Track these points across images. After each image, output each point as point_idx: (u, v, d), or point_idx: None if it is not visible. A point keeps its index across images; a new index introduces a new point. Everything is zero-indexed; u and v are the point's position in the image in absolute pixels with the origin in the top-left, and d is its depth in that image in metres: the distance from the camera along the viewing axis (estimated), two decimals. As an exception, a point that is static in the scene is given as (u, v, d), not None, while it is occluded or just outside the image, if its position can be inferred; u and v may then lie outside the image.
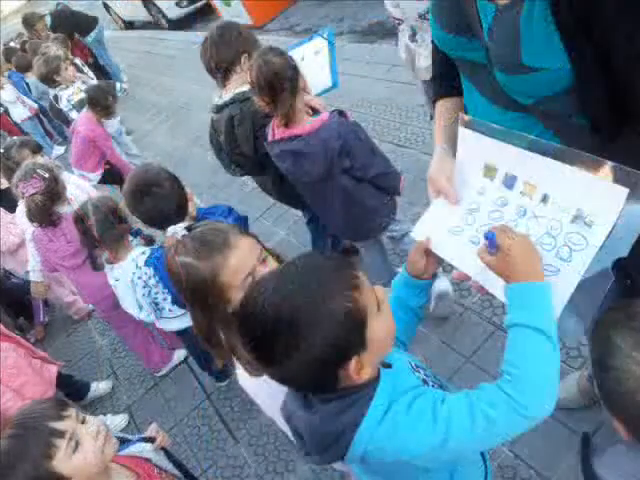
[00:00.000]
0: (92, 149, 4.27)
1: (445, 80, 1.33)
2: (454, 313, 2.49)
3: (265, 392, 1.28)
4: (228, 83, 2.37)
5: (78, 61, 5.79)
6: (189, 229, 1.27)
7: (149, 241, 2.42)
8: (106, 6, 11.49)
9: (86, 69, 5.84)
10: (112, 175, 4.42)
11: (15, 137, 5.50)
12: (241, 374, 1.28)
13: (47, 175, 2.72)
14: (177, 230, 1.29)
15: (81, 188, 3.30)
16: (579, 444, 1.11)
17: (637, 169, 0.84)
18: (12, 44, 9.42)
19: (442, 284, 2.43)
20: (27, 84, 7.18)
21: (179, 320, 2.46)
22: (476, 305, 2.47)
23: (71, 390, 3.15)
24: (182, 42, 9.02)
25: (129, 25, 11.97)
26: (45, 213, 2.74)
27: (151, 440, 1.57)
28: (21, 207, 3.02)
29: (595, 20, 0.87)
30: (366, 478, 1.06)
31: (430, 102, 2.81)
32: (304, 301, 0.85)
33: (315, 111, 2.14)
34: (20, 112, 7.01)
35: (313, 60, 2.48)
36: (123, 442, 1.47)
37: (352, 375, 0.89)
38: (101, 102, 4.15)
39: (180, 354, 3.19)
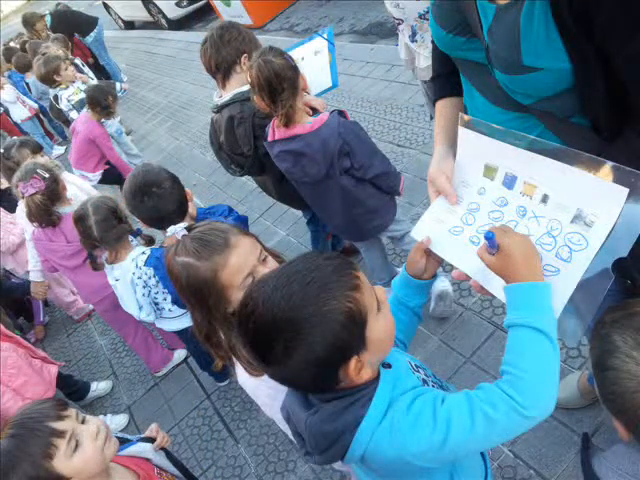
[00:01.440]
0: (92, 149, 4.27)
1: (445, 80, 1.33)
2: (454, 313, 2.49)
3: (265, 392, 1.28)
4: (228, 83, 2.37)
5: (78, 61, 5.80)
6: (189, 229, 1.27)
7: (149, 241, 2.42)
8: (106, 6, 11.50)
9: (86, 69, 5.85)
10: (112, 175, 4.43)
11: (15, 137, 5.51)
12: (241, 374, 1.28)
13: (47, 175, 2.72)
14: (177, 230, 1.29)
15: (81, 188, 3.31)
16: (579, 444, 1.11)
17: (637, 169, 0.84)
18: (12, 44, 9.43)
19: (442, 284, 2.44)
20: (27, 84, 7.18)
21: (179, 320, 2.46)
22: (476, 305, 2.47)
23: (71, 390, 3.16)
24: (182, 42, 9.03)
25: (129, 25, 11.98)
26: (45, 213, 2.74)
27: (151, 440, 1.57)
28: (21, 207, 3.02)
29: (595, 20, 0.87)
30: (366, 478, 1.06)
31: (430, 102, 2.81)
32: (304, 301, 0.85)
33: (315, 111, 2.14)
34: (20, 112, 7.01)
35: (313, 60, 2.48)
36: (123, 442, 1.47)
37: (352, 375, 0.89)
38: (101, 102, 4.15)
39: (180, 354, 3.19)
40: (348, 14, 6.60)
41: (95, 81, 5.29)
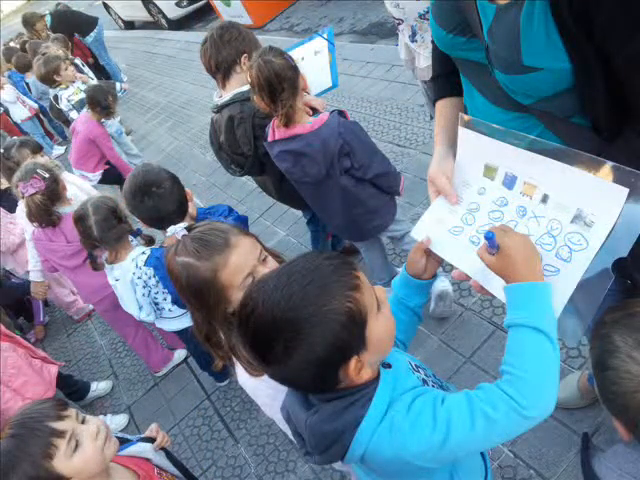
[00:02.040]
0: (92, 149, 4.28)
1: (445, 80, 1.33)
2: (454, 313, 2.49)
3: (265, 392, 1.28)
4: (228, 83, 2.37)
5: (78, 61, 5.80)
6: (189, 229, 1.27)
7: (149, 241, 2.42)
8: (106, 6, 11.50)
9: (86, 69, 5.85)
10: (112, 175, 4.43)
11: (15, 137, 5.51)
12: (241, 374, 1.28)
13: (47, 175, 2.72)
14: (177, 230, 1.29)
15: (81, 188, 3.31)
16: (579, 444, 1.11)
17: (637, 169, 0.84)
18: (12, 44, 9.43)
19: (442, 284, 2.44)
20: (27, 84, 7.18)
21: (179, 320, 2.47)
22: (476, 305, 2.47)
23: (71, 390, 3.16)
24: (182, 42, 9.03)
25: (129, 25, 11.98)
26: (45, 213, 2.74)
27: (151, 440, 1.57)
28: (21, 207, 3.02)
29: (595, 20, 0.87)
30: (366, 478, 1.06)
31: (430, 102, 2.81)
32: (304, 301, 0.85)
33: (315, 111, 2.14)
34: (20, 112, 7.01)
35: (313, 60, 2.48)
36: (123, 442, 1.47)
37: (352, 375, 0.89)
38: (101, 102, 4.15)
39: (180, 354, 3.19)
40: (348, 14, 6.60)
41: (95, 81, 5.29)
